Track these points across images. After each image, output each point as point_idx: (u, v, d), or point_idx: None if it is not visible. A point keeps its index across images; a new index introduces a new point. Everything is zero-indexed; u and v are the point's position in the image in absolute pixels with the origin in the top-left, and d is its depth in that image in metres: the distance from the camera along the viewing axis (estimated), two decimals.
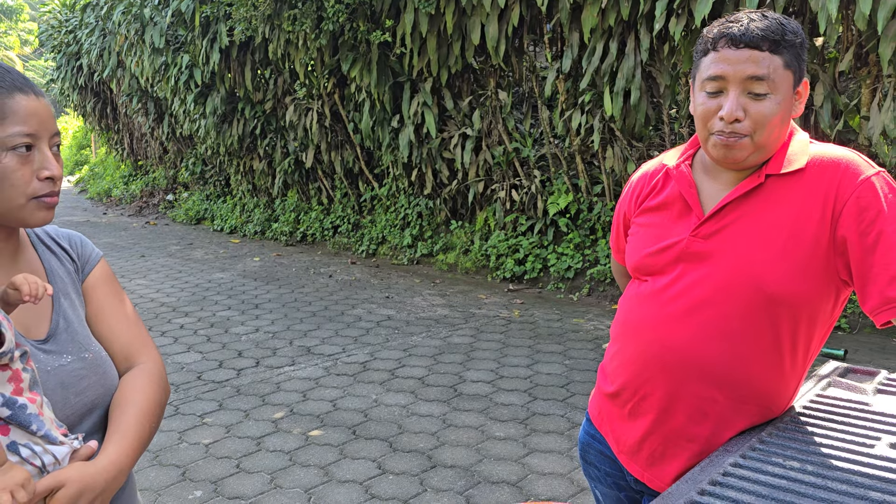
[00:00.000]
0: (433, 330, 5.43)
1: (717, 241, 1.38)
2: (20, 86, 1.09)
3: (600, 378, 1.61)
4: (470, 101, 7.19)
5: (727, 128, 1.31)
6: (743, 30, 1.29)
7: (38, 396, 1.02)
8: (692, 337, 1.37)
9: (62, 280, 1.24)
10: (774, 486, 1.18)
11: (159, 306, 6.24)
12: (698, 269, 1.39)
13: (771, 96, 1.29)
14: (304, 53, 7.59)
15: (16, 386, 0.98)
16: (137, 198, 14.14)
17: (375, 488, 3.07)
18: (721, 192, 1.41)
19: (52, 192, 1.12)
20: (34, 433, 0.99)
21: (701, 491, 1.19)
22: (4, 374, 0.97)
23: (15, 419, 0.97)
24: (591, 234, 6.65)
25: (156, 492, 3.04)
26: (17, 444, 0.98)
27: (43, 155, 1.10)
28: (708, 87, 1.35)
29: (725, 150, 1.34)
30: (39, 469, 1.00)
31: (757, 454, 1.29)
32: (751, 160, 1.36)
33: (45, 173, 1.10)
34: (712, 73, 1.33)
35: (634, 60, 5.53)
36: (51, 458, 1.01)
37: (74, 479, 1.02)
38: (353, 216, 8.95)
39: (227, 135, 9.56)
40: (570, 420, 3.75)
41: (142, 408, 1.19)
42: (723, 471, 1.24)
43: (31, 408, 0.99)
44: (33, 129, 1.08)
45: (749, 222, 1.36)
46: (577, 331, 5.36)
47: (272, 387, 4.26)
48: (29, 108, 1.09)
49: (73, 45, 13.58)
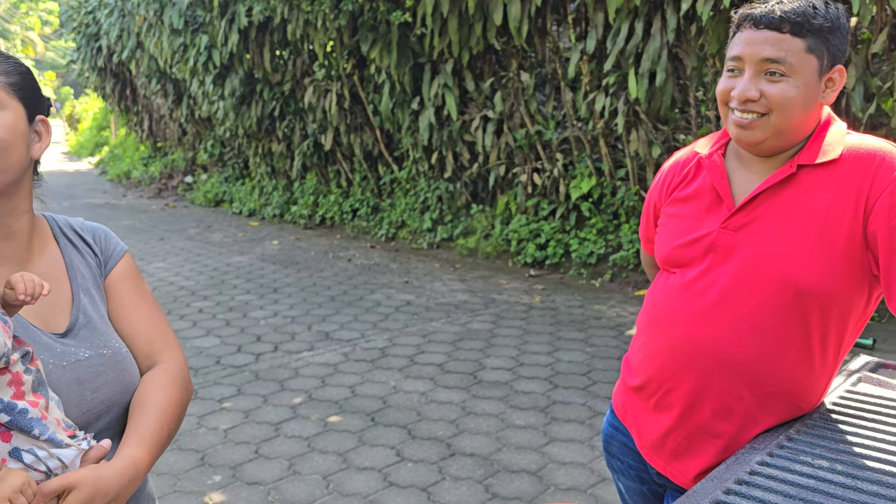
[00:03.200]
0: (453, 315, 5.39)
1: (748, 233, 1.35)
2: None
3: (625, 370, 1.59)
4: (491, 83, 7.09)
5: (740, 107, 1.31)
6: (765, 11, 1.29)
7: (42, 399, 0.98)
8: (720, 331, 1.35)
9: (83, 275, 1.22)
10: (803, 486, 1.15)
11: (178, 290, 6.24)
12: (728, 262, 1.36)
13: (788, 79, 1.27)
14: (323, 34, 7.52)
15: (16, 390, 0.94)
16: (156, 179, 14.20)
17: (394, 476, 3.04)
18: (753, 182, 1.38)
19: None
20: (37, 438, 0.95)
21: (727, 490, 1.17)
22: (3, 378, 0.93)
23: (15, 424, 0.93)
24: (615, 218, 6.55)
25: (175, 476, 3.03)
26: (19, 451, 0.94)
27: None
28: (728, 67, 1.35)
29: (740, 129, 1.33)
30: (45, 474, 0.96)
31: (785, 452, 1.26)
32: (769, 144, 1.33)
33: None
34: (732, 54, 1.33)
35: (661, 41, 5.40)
36: (56, 463, 0.97)
37: (87, 481, 0.98)
38: (372, 199, 8.91)
39: (246, 116, 9.54)
40: (591, 409, 3.70)
41: (162, 409, 1.16)
42: (749, 469, 1.22)
43: (32, 412, 0.95)
44: None
45: (780, 214, 1.33)
46: (599, 318, 5.29)
47: (291, 372, 4.25)
48: None
49: (93, 26, 13.60)
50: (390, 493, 2.91)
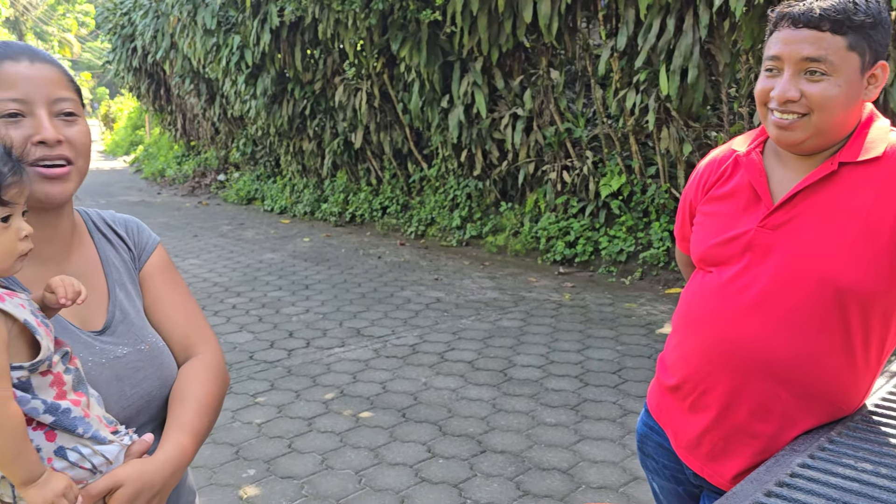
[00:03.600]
0: (483, 313, 5.40)
1: (787, 232, 1.33)
2: (12, 55, 1.07)
3: (660, 369, 1.58)
4: (521, 81, 7.08)
5: (779, 108, 1.28)
6: (804, 9, 1.26)
7: (84, 397, 0.99)
8: (758, 331, 1.33)
9: (117, 270, 1.22)
10: (846, 489, 1.12)
11: (212, 286, 6.35)
12: (766, 260, 1.34)
13: (829, 78, 1.25)
14: (353, 33, 7.57)
15: (58, 390, 0.96)
16: (190, 178, 14.41)
17: (425, 472, 3.07)
18: (792, 180, 1.35)
19: (49, 157, 1.07)
20: (81, 436, 0.96)
21: (767, 492, 1.14)
22: (45, 379, 0.95)
23: (59, 424, 0.94)
24: (645, 216, 6.50)
25: (211, 469, 3.09)
26: (64, 449, 0.95)
27: (36, 119, 1.06)
28: (766, 66, 1.32)
29: (780, 130, 1.31)
30: (91, 471, 0.97)
31: (826, 454, 1.24)
32: (810, 144, 1.31)
33: (36, 137, 1.05)
34: (771, 53, 1.31)
35: (693, 37, 5.35)
36: (101, 460, 0.98)
37: (132, 477, 1.00)
38: (401, 197, 8.95)
39: (277, 115, 9.64)
40: (622, 407, 3.69)
41: (201, 402, 1.16)
42: (790, 471, 1.20)
43: (75, 411, 0.96)
44: (22, 94, 1.05)
45: (820, 213, 1.31)
46: (630, 316, 5.26)
47: (322, 368, 4.30)
48: (18, 73, 1.06)
49: (128, 27, 13.84)
50: (422, 488, 2.94)
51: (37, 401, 0.92)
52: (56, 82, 1.09)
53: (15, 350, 0.91)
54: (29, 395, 0.92)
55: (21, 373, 0.91)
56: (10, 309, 0.90)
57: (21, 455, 0.90)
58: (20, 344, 0.93)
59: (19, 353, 0.92)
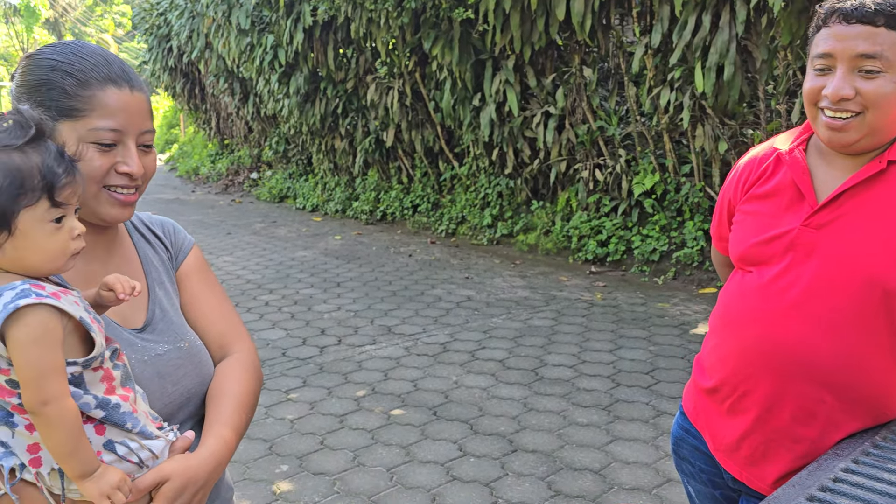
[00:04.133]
0: (513, 312, 5.39)
1: (831, 231, 1.29)
2: (115, 78, 1.07)
3: (696, 371, 1.55)
4: (553, 79, 7.04)
5: (833, 107, 1.24)
6: (856, 4, 1.21)
7: (131, 392, 1.01)
8: (800, 332, 1.30)
9: (156, 269, 1.24)
10: (891, 495, 1.10)
11: (245, 283, 6.42)
12: (809, 260, 1.30)
13: (885, 75, 1.21)
14: (385, 32, 7.59)
15: (108, 385, 0.98)
16: (223, 176, 14.60)
17: (456, 470, 3.07)
18: (837, 179, 1.32)
19: (127, 185, 1.09)
20: (130, 430, 0.98)
21: (810, 497, 1.12)
22: (96, 374, 0.96)
23: (110, 419, 0.96)
24: (678, 215, 6.43)
25: (244, 465, 3.13)
26: (113, 443, 0.97)
27: (127, 150, 1.08)
28: (816, 65, 1.27)
29: (832, 131, 1.26)
30: (137, 465, 0.99)
31: (871, 459, 1.21)
32: (863, 143, 1.27)
33: (123, 168, 1.07)
34: (821, 51, 1.26)
35: (729, 34, 5.27)
36: (148, 454, 1.00)
37: (178, 472, 1.02)
38: (432, 195, 8.96)
39: (310, 114, 9.71)
40: (655, 408, 3.65)
41: (239, 398, 1.18)
42: (833, 476, 1.17)
43: (124, 406, 0.98)
44: (119, 125, 1.06)
45: (867, 212, 1.27)
46: (662, 316, 5.20)
47: (354, 365, 4.33)
48: (120, 102, 1.06)
49: (164, 28, 14.05)
50: (453, 487, 2.94)
51: (89, 396, 0.94)
52: (146, 113, 1.11)
53: (69, 346, 0.93)
54: (81, 390, 0.94)
55: (75, 368, 0.93)
56: (66, 306, 0.92)
57: (78, 450, 0.92)
58: (74, 340, 0.94)
59: (73, 349, 0.94)
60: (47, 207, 0.92)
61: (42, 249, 0.92)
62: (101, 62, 1.07)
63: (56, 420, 0.89)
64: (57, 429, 0.89)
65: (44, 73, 1.05)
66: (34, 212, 0.91)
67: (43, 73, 1.05)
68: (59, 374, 0.90)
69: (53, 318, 0.90)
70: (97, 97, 1.04)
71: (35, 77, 1.06)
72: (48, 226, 0.92)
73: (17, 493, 0.94)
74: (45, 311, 0.89)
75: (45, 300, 0.89)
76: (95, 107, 1.04)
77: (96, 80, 1.05)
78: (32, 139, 0.91)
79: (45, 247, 0.93)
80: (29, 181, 0.89)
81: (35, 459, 0.94)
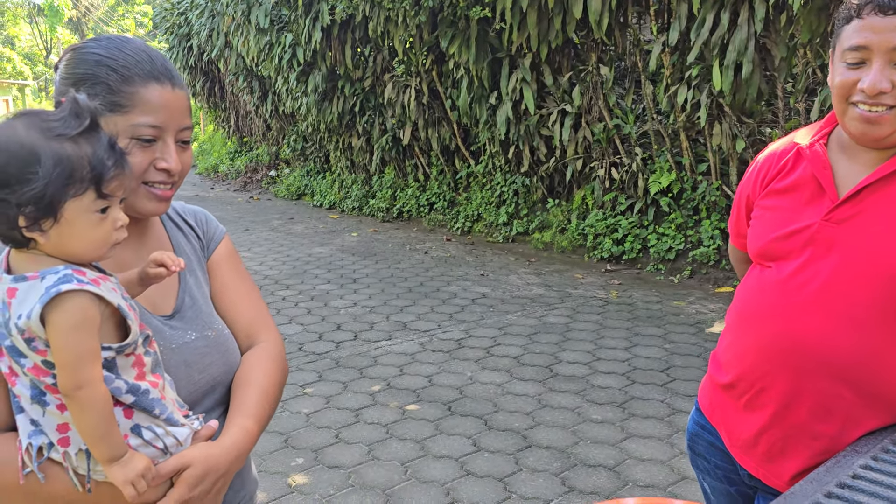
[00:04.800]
0: (528, 309, 5.39)
1: (852, 226, 1.28)
2: (158, 75, 1.08)
3: (713, 367, 1.54)
4: (570, 77, 7.03)
5: (869, 100, 1.21)
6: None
7: (160, 379, 1.03)
8: (819, 328, 1.28)
9: (188, 257, 1.26)
10: None
11: (263, 279, 6.47)
12: (830, 256, 1.29)
13: None
14: (403, 30, 7.61)
15: (139, 371, 0.99)
16: (242, 173, 14.70)
17: (470, 465, 3.09)
18: (859, 174, 1.31)
19: (165, 181, 1.11)
20: (157, 416, 1.00)
21: (828, 493, 1.11)
22: (128, 360, 0.98)
23: (139, 405, 0.98)
24: (695, 214, 6.39)
25: (261, 457, 3.16)
26: (140, 427, 0.99)
27: (166, 146, 1.09)
28: (849, 58, 1.24)
29: (866, 125, 1.24)
30: (162, 451, 1.01)
31: (890, 457, 1.19)
32: (894, 138, 1.25)
33: (161, 164, 1.09)
34: (855, 43, 1.23)
35: (748, 32, 5.23)
36: (172, 441, 1.02)
37: (200, 459, 1.03)
38: (448, 193, 8.98)
39: (328, 112, 9.76)
40: (670, 406, 3.64)
41: (264, 389, 1.19)
42: (852, 473, 1.16)
43: (153, 392, 1.00)
44: (160, 122, 1.07)
45: (889, 207, 1.26)
46: (678, 314, 5.18)
47: (369, 360, 4.35)
48: (162, 99, 1.07)
49: (185, 27, 14.17)
50: (467, 481, 2.96)
51: (120, 381, 0.96)
52: (186, 110, 1.12)
53: (104, 332, 0.95)
54: (113, 374, 0.96)
55: (109, 353, 0.95)
56: (105, 293, 0.94)
57: (108, 434, 0.94)
58: (109, 326, 0.96)
59: (108, 334, 0.96)
60: (94, 198, 0.93)
61: (85, 238, 0.94)
62: (144, 59, 1.08)
63: (89, 404, 0.91)
64: (89, 412, 0.92)
65: (89, 68, 1.06)
66: (81, 202, 0.92)
67: (88, 68, 1.06)
68: (95, 360, 0.92)
69: (93, 304, 0.92)
70: (140, 94, 1.06)
71: (80, 70, 1.07)
72: (93, 216, 0.94)
73: (43, 471, 0.96)
74: (86, 297, 0.91)
75: (85, 286, 0.91)
76: (138, 103, 1.05)
77: (139, 76, 1.06)
78: (86, 130, 0.93)
79: (88, 236, 0.94)
80: (78, 172, 0.91)
81: (64, 439, 0.96)
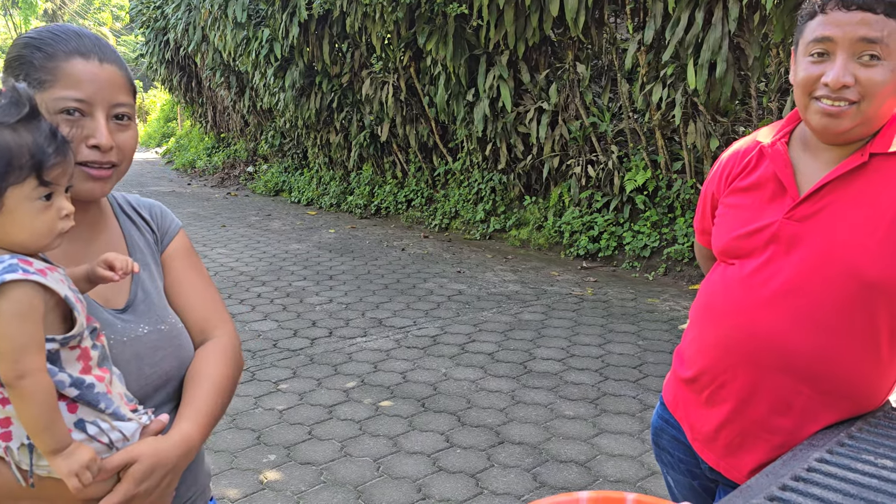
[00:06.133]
0: (504, 306, 5.41)
1: (813, 224, 1.29)
2: (84, 51, 1.07)
3: (676, 362, 1.56)
4: (547, 75, 7.06)
5: (833, 94, 1.22)
6: None
7: (108, 373, 1.01)
8: (780, 324, 1.30)
9: (142, 251, 1.24)
10: (864, 486, 1.09)
11: (238, 275, 6.43)
12: (791, 253, 1.31)
13: (884, 62, 1.20)
14: (380, 26, 7.59)
15: (84, 364, 0.98)
16: (220, 169, 14.59)
17: (443, 461, 3.09)
18: (820, 171, 1.32)
19: (99, 161, 1.09)
20: (102, 411, 0.98)
21: (782, 486, 1.12)
22: (73, 353, 0.97)
23: (83, 398, 0.97)
24: (670, 212, 6.45)
25: (232, 454, 3.15)
26: (84, 422, 0.97)
27: (95, 122, 1.07)
28: (813, 49, 1.25)
29: (828, 119, 1.24)
30: (107, 446, 0.99)
31: (845, 450, 1.21)
32: (854, 133, 1.26)
33: (91, 141, 1.06)
34: (819, 35, 1.23)
35: (721, 31, 5.29)
36: (118, 435, 1.00)
37: (147, 454, 1.02)
38: (426, 190, 8.98)
39: (305, 108, 9.71)
40: (642, 402, 3.67)
41: (215, 383, 1.18)
42: (807, 466, 1.17)
43: (98, 386, 0.98)
44: (86, 95, 1.05)
45: (849, 205, 1.27)
46: (652, 311, 5.23)
47: (344, 357, 4.34)
48: (85, 72, 1.06)
49: (161, 21, 14.02)
50: (439, 477, 2.96)
51: (63, 374, 0.95)
52: (120, 87, 1.10)
53: (49, 323, 0.94)
54: (56, 367, 0.95)
55: (53, 345, 0.94)
56: (52, 284, 0.93)
57: (52, 425, 0.92)
58: (54, 317, 0.95)
59: (52, 325, 0.95)
60: (35, 186, 0.92)
61: (28, 227, 0.93)
62: (71, 36, 1.08)
63: (31, 394, 0.90)
64: (32, 403, 0.90)
65: (18, 51, 1.08)
66: (21, 190, 0.92)
67: (17, 51, 1.08)
68: (39, 350, 0.91)
69: (37, 294, 0.91)
70: (61, 67, 1.05)
71: (11, 54, 1.08)
72: (36, 204, 0.93)
73: None
74: (30, 287, 0.90)
75: (31, 276, 0.90)
76: (60, 77, 1.05)
77: (63, 52, 1.06)
78: (25, 117, 0.92)
79: (31, 225, 0.93)
80: (17, 159, 0.90)
81: (6, 434, 0.94)
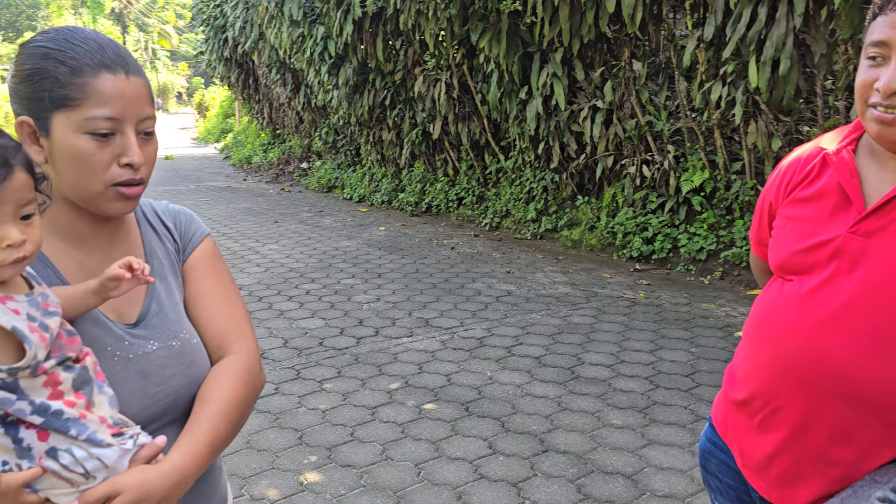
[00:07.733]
0: (553, 308, 5.31)
1: (881, 239, 1.19)
2: (109, 64, 1.02)
3: (727, 382, 1.47)
4: (602, 72, 6.91)
5: (885, 100, 1.14)
6: None
7: (83, 397, 0.95)
8: (841, 347, 1.20)
9: (160, 262, 1.20)
10: None
11: (288, 271, 6.49)
12: (855, 270, 1.20)
13: None
14: (434, 24, 7.56)
15: (53, 390, 0.92)
16: (274, 165, 14.82)
17: (485, 468, 3.04)
18: (888, 183, 1.22)
19: (132, 180, 1.05)
20: (75, 437, 0.92)
21: None
22: (37, 380, 0.91)
23: (49, 426, 0.91)
24: (728, 213, 6.24)
25: (274, 453, 3.15)
26: (56, 450, 0.91)
27: (126, 139, 1.03)
28: (869, 53, 1.17)
29: (882, 126, 1.16)
30: (83, 476, 0.93)
31: None
32: None
33: (124, 159, 1.03)
34: (875, 38, 1.16)
35: (786, 27, 5.07)
36: (96, 464, 0.93)
37: (132, 486, 0.94)
38: (477, 188, 8.92)
39: (358, 105, 9.76)
40: (693, 413, 3.54)
41: (219, 406, 1.10)
42: None
43: (68, 412, 0.92)
44: (116, 113, 1.02)
45: None
46: (707, 317, 5.06)
47: (389, 357, 4.32)
48: (116, 88, 1.02)
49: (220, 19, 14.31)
50: (480, 485, 2.91)
51: (23, 402, 0.90)
52: (145, 99, 1.06)
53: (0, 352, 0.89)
54: (14, 395, 0.90)
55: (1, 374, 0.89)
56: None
57: None
58: (8, 346, 0.90)
59: (4, 355, 0.90)
60: None
61: None
62: (94, 48, 1.03)
63: None
64: None
65: (36, 62, 1.02)
66: None
67: (35, 62, 1.02)
68: None
69: None
70: (91, 84, 1.00)
71: (28, 66, 1.02)
72: None
73: None
74: None
75: None
76: (90, 94, 1.00)
77: (89, 66, 1.01)
78: None
79: None
80: None
81: None
